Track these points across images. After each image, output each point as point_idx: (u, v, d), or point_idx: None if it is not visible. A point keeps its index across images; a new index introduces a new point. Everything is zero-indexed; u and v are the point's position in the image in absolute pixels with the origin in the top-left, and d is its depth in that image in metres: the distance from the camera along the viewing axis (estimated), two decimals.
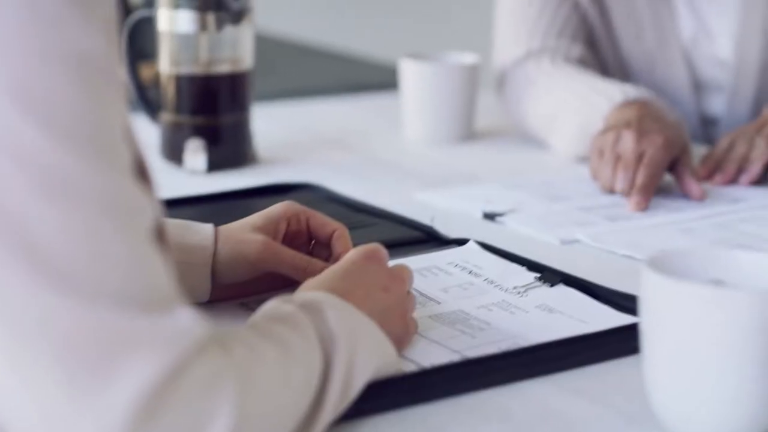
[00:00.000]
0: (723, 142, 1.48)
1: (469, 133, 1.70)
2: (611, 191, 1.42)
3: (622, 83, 1.59)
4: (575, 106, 1.58)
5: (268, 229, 1.02)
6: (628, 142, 1.41)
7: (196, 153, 1.50)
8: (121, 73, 0.66)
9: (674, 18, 1.70)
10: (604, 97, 1.54)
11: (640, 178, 1.38)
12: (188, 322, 0.67)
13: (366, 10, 3.90)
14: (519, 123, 1.71)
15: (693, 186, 1.42)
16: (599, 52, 1.73)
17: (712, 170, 1.47)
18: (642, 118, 1.45)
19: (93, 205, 0.64)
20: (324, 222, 1.04)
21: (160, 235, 0.68)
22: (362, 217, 1.30)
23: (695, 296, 0.79)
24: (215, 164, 1.51)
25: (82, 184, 0.63)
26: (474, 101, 1.70)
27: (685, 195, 1.41)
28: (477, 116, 1.73)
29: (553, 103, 1.62)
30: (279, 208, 1.04)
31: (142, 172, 0.70)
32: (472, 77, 1.69)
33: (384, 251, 0.95)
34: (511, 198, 1.41)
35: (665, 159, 1.40)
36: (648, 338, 0.82)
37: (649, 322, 0.82)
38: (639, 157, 1.40)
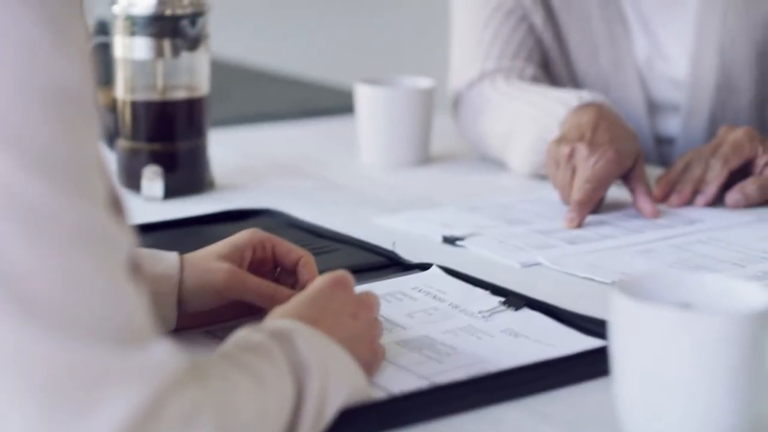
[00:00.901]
0: (678, 164, 1.50)
1: (425, 157, 1.71)
2: (569, 203, 1.44)
3: (577, 90, 1.61)
4: (531, 116, 1.59)
5: (233, 257, 1.02)
6: (581, 156, 1.42)
7: (153, 179, 1.50)
8: (96, 103, 0.66)
9: (629, 39, 1.72)
10: (559, 103, 1.56)
11: (577, 194, 1.41)
12: (164, 355, 0.66)
13: (319, 36, 3.90)
14: (475, 144, 1.71)
15: (646, 204, 1.44)
16: (553, 73, 1.75)
17: (667, 192, 1.48)
18: (596, 126, 1.46)
19: (69, 238, 0.63)
20: (289, 249, 1.04)
21: (135, 267, 0.68)
22: (323, 243, 1.30)
23: (664, 320, 0.79)
24: (172, 191, 1.51)
25: (59, 218, 0.63)
26: (429, 125, 1.71)
27: (644, 216, 1.43)
28: (432, 140, 1.74)
29: (509, 117, 1.63)
30: (244, 235, 1.03)
31: (115, 203, 0.70)
32: (427, 101, 1.70)
33: (350, 278, 0.95)
34: (470, 221, 1.41)
35: (613, 173, 1.42)
36: (618, 361, 0.83)
37: (618, 345, 0.82)
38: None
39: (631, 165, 1.45)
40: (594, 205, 1.42)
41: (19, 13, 0.61)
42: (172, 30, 1.49)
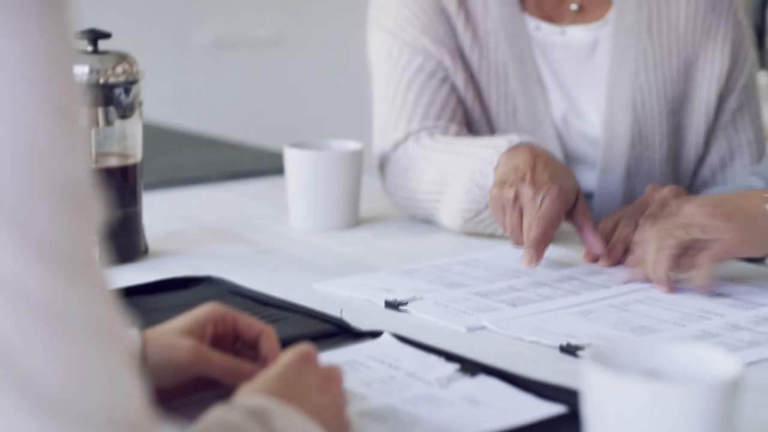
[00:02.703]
0: (607, 223, 1.53)
1: (355, 220, 1.72)
2: (521, 247, 1.47)
3: (504, 135, 1.64)
4: (463, 164, 1.61)
5: (195, 332, 1.02)
6: (526, 197, 1.45)
7: None
8: (96, 193, 0.66)
9: (546, 98, 1.76)
10: (490, 148, 1.58)
11: (532, 234, 1.43)
12: None
13: (243, 97, 3.90)
14: (404, 203, 1.73)
15: (595, 240, 1.49)
16: (475, 132, 1.77)
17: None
18: (534, 166, 1.49)
19: (80, 332, 0.63)
20: (250, 323, 1.04)
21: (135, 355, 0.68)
22: (269, 311, 1.30)
23: (636, 390, 0.81)
24: (107, 259, 1.49)
25: (70, 312, 0.63)
26: (359, 187, 1.72)
27: (580, 278, 1.45)
28: (361, 201, 1.75)
29: (439, 168, 1.65)
30: (205, 311, 1.03)
31: None
32: (356, 163, 1.71)
33: (315, 351, 0.96)
34: (409, 285, 1.42)
35: (561, 209, 1.46)
36: (591, 429, 0.84)
37: (592, 414, 0.84)
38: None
39: (574, 201, 1.48)
40: (548, 243, 1.44)
41: (27, 103, 0.61)
42: (105, 98, 1.48)
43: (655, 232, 1.39)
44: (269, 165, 2.10)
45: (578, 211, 1.50)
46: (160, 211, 1.77)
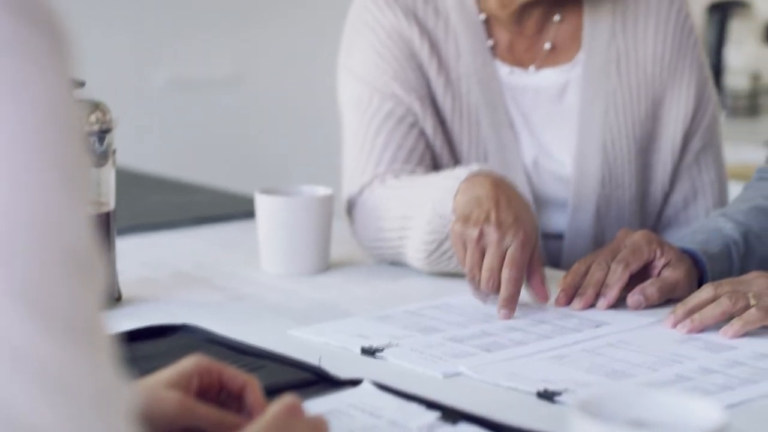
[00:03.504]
0: (579, 267, 1.55)
1: (326, 264, 1.73)
2: (476, 285, 1.49)
3: (464, 166, 1.66)
4: (424, 196, 1.63)
5: (181, 385, 1.02)
6: (491, 240, 1.47)
7: None
8: (101, 258, 0.67)
9: (517, 143, 1.78)
10: (449, 178, 1.61)
11: (505, 291, 1.46)
12: None
13: (202, 138, 3.90)
14: (371, 245, 1.74)
15: (542, 290, 1.51)
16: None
17: (571, 295, 1.53)
18: (497, 201, 1.51)
19: (85, 398, 0.64)
20: (234, 375, 1.05)
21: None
22: (247, 360, 1.31)
23: None
24: None
25: (77, 379, 0.64)
26: (329, 232, 1.73)
27: (552, 321, 1.47)
28: (331, 246, 1.76)
29: (403, 203, 1.67)
30: (190, 363, 1.04)
31: None
32: (327, 209, 1.72)
33: (301, 403, 0.97)
34: (384, 331, 1.43)
35: (528, 255, 1.48)
36: None
37: None
38: (503, 255, 1.47)
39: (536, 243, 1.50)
40: (519, 292, 1.47)
41: (39, 173, 0.62)
42: None
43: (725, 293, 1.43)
44: (235, 209, 2.11)
45: (534, 257, 1.52)
46: (129, 257, 1.77)
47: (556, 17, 1.82)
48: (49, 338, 0.63)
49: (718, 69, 3.14)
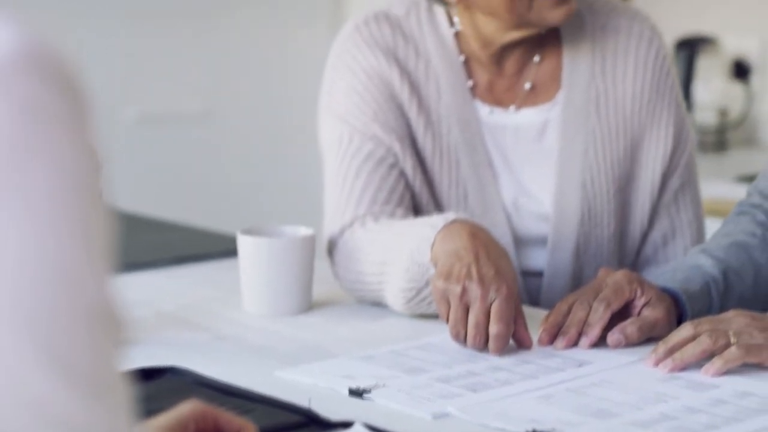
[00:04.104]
0: (562, 306, 1.56)
1: (308, 304, 1.74)
2: (462, 341, 1.50)
3: (441, 213, 1.67)
4: (402, 243, 1.64)
5: (178, 430, 1.03)
6: (475, 296, 1.49)
7: None
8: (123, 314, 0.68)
9: (497, 183, 1.80)
10: (426, 226, 1.62)
11: (494, 347, 1.48)
12: None
13: (172, 174, 3.89)
14: (352, 287, 1.75)
15: (525, 336, 1.52)
16: (423, 215, 1.81)
17: (553, 334, 1.55)
18: (477, 255, 1.53)
19: None
20: (230, 419, 1.06)
21: None
22: (237, 402, 1.31)
23: None
24: None
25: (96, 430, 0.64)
26: (312, 272, 1.74)
27: (536, 361, 1.49)
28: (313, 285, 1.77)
29: (382, 249, 1.69)
30: (187, 409, 1.05)
31: None
32: (308, 249, 1.73)
33: None
34: (370, 372, 1.44)
35: (513, 311, 1.50)
36: None
37: None
38: (488, 310, 1.49)
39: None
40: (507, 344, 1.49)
41: (62, 232, 0.63)
42: None
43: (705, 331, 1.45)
44: (213, 248, 2.11)
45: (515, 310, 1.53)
46: None
47: (536, 58, 1.84)
48: (70, 391, 0.64)
49: (686, 104, 3.16)
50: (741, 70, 3.42)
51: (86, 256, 0.64)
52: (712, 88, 3.42)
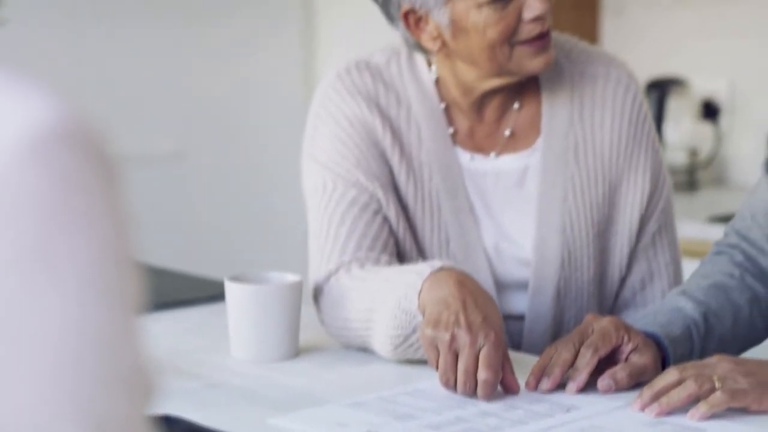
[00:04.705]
0: (550, 352, 1.58)
1: (295, 350, 1.75)
2: (452, 388, 1.53)
3: (426, 261, 1.70)
4: (388, 290, 1.67)
5: None
6: (464, 342, 1.52)
7: None
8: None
9: (478, 228, 1.83)
10: (413, 273, 1.65)
11: (482, 393, 1.51)
12: None
13: (146, 215, 3.89)
14: (338, 333, 1.77)
15: (512, 380, 1.55)
16: (406, 261, 1.83)
17: (539, 378, 1.57)
18: (464, 302, 1.56)
19: None
20: None
21: None
22: None
23: None
24: None
25: None
26: (299, 318, 1.76)
27: (524, 406, 1.51)
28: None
29: (368, 296, 1.71)
30: None
31: None
32: (296, 295, 1.75)
33: None
34: (361, 419, 1.46)
35: (501, 357, 1.53)
36: None
37: None
38: (477, 357, 1.51)
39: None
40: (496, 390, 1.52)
41: (102, 302, 0.65)
42: None
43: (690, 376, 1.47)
44: (198, 292, 2.12)
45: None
46: None
47: (515, 105, 1.87)
48: None
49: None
50: (710, 111, 3.47)
51: (123, 322, 0.66)
52: (682, 128, 3.46)
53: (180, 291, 2.19)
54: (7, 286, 0.62)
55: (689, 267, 1.93)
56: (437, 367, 1.55)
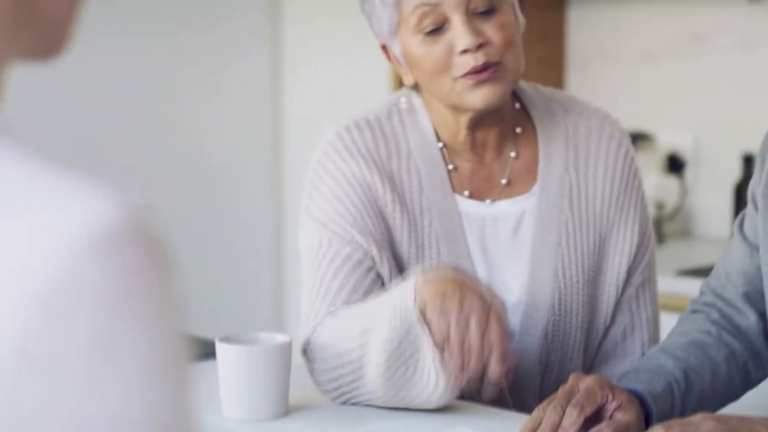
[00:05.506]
0: (538, 414, 1.62)
1: (285, 409, 1.79)
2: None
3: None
4: (382, 304, 1.70)
5: None
6: (475, 306, 1.61)
7: None
8: None
9: (474, 271, 1.86)
10: (403, 281, 1.70)
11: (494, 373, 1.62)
12: None
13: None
14: (330, 377, 1.77)
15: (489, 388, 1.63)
16: None
17: None
18: (463, 284, 1.63)
19: None
20: None
21: None
22: None
23: None
24: None
25: None
26: (288, 377, 1.79)
27: None
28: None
29: (361, 319, 1.73)
30: None
31: None
32: (286, 355, 1.78)
33: None
34: None
35: (507, 322, 1.64)
36: None
37: None
38: (488, 312, 1.61)
39: None
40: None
41: (160, 391, 0.69)
42: None
43: None
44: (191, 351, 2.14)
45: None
46: None
47: (513, 154, 1.92)
48: None
49: None
50: (675, 165, 3.54)
51: (183, 411, 0.70)
52: (648, 182, 3.52)
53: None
54: (73, 372, 0.66)
55: (660, 320, 1.98)
56: (447, 337, 1.60)
